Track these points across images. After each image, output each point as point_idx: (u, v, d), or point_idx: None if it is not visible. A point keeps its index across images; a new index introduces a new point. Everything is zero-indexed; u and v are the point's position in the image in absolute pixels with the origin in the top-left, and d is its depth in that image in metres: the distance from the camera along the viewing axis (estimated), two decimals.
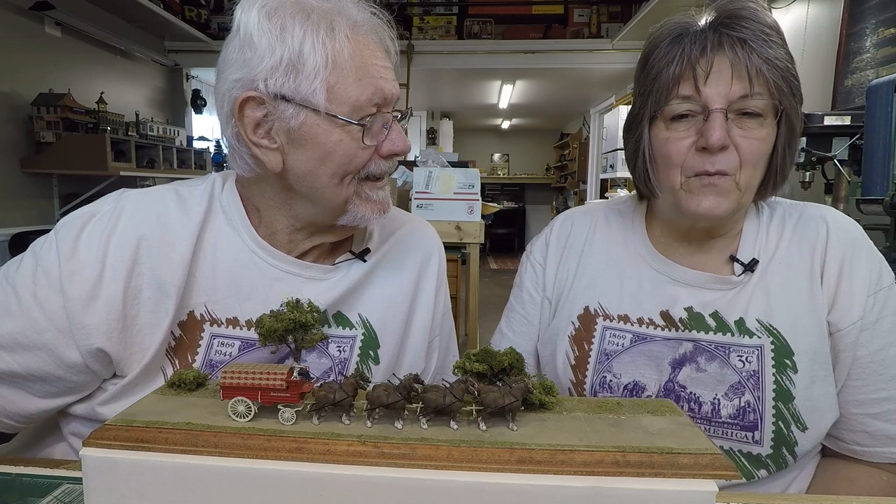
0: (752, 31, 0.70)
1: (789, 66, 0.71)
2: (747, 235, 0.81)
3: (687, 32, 0.73)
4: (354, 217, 0.74)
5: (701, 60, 0.71)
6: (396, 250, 0.88)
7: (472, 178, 2.39)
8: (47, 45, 3.10)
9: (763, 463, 0.74)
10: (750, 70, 0.69)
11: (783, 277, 0.77)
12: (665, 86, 0.73)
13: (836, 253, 0.76)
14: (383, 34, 0.73)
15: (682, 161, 0.74)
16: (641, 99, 0.78)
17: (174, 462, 0.46)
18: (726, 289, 0.79)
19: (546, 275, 0.93)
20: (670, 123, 0.75)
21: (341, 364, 0.78)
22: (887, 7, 2.27)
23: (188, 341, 0.72)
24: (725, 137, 0.70)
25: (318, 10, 0.67)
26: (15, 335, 0.67)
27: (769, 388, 0.73)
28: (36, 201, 3.02)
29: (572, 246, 0.92)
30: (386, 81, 0.70)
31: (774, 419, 0.72)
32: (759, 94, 0.70)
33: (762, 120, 0.71)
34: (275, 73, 0.66)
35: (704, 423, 0.75)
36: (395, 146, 0.73)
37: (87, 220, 0.71)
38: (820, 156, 1.85)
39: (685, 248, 0.84)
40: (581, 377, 0.84)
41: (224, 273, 0.74)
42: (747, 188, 0.74)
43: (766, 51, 0.69)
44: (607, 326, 0.84)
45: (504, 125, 9.97)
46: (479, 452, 0.45)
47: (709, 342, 0.77)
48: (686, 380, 0.77)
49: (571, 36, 4.88)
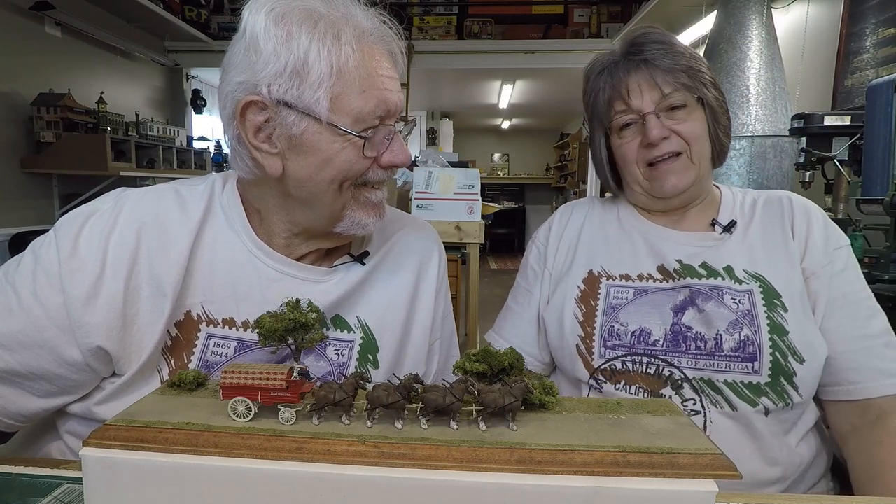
0: (651, 50, 0.89)
1: (691, 65, 0.89)
2: (725, 206, 0.96)
3: (606, 66, 0.94)
4: (352, 224, 0.74)
5: (621, 84, 0.91)
6: (395, 253, 0.88)
7: (472, 178, 2.39)
8: (47, 45, 3.10)
9: (763, 391, 0.80)
10: (657, 80, 0.89)
11: (761, 235, 0.91)
12: (603, 108, 0.94)
13: (802, 214, 0.92)
14: (392, 44, 0.73)
15: (636, 157, 0.93)
16: (590, 123, 1.00)
17: (174, 462, 0.46)
18: (709, 245, 0.92)
19: (548, 251, 1.04)
20: (620, 132, 0.94)
21: (340, 368, 0.78)
22: (887, 7, 2.26)
23: (184, 341, 0.72)
24: (662, 131, 0.88)
25: (327, 18, 0.67)
26: (15, 333, 0.67)
27: (763, 323, 0.82)
28: (36, 201, 3.03)
29: (572, 226, 1.04)
30: (391, 93, 0.70)
31: (771, 350, 0.81)
32: (673, 93, 0.88)
33: (687, 108, 0.89)
34: (279, 79, 0.66)
35: (709, 358, 0.83)
36: (396, 158, 0.73)
37: (87, 218, 0.71)
38: (820, 156, 1.85)
39: (669, 217, 0.98)
40: (590, 330, 0.91)
41: (221, 273, 0.74)
42: (701, 159, 0.91)
43: (664, 62, 0.88)
44: (611, 285, 0.93)
45: (504, 125, 9.97)
46: (479, 452, 0.45)
47: (703, 286, 0.88)
48: (690, 321, 0.86)
49: (571, 36, 4.88)
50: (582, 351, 0.90)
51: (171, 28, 4.12)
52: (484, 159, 10.62)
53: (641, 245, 0.96)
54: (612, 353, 0.88)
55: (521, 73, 5.62)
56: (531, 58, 4.83)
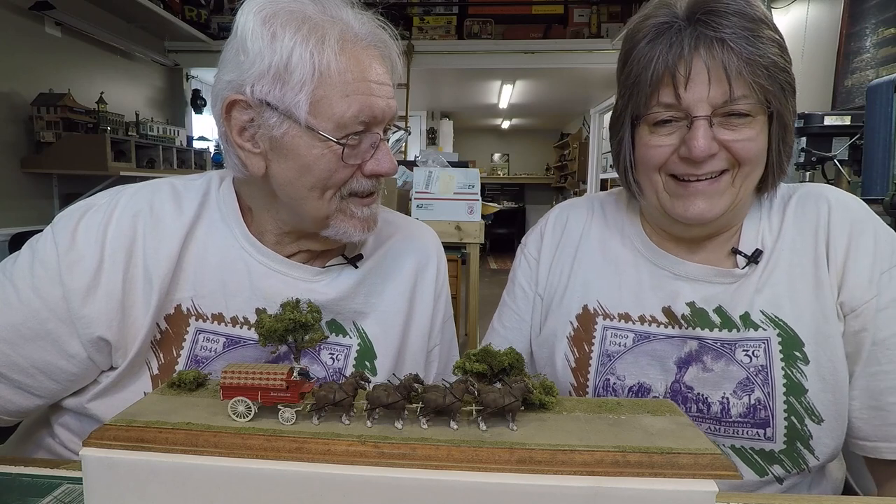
0: (731, 27, 0.65)
1: (776, 61, 0.66)
2: (748, 226, 0.78)
3: (664, 30, 0.68)
4: (336, 232, 0.73)
5: (679, 64, 0.67)
6: (391, 257, 0.86)
7: (472, 178, 2.39)
8: (47, 45, 3.10)
9: (776, 458, 0.71)
10: (730, 72, 0.65)
11: (787, 264, 0.74)
12: (644, 90, 0.70)
13: (841, 231, 0.72)
14: (386, 49, 0.72)
15: (662, 164, 0.72)
16: (623, 100, 0.75)
17: (174, 462, 0.46)
18: (729, 282, 0.76)
19: (539, 270, 0.90)
20: (653, 128, 0.72)
21: (336, 374, 0.78)
22: (887, 7, 2.26)
23: (174, 335, 0.72)
24: (710, 146, 0.67)
25: (312, 20, 0.66)
26: (17, 326, 0.67)
27: (779, 382, 0.70)
28: (36, 201, 3.02)
29: (568, 240, 0.89)
30: (377, 99, 0.68)
31: (786, 414, 0.69)
32: (742, 97, 0.66)
33: (751, 119, 0.68)
34: (262, 79, 0.66)
35: (714, 424, 0.73)
36: (380, 167, 0.71)
37: (84, 212, 0.72)
38: (820, 156, 1.86)
39: (684, 243, 0.81)
40: (583, 380, 0.81)
41: (212, 268, 0.74)
42: (745, 184, 0.71)
43: (748, 49, 0.65)
44: (608, 326, 0.80)
45: (504, 125, 9.97)
46: (479, 452, 0.45)
47: (714, 340, 0.74)
48: (693, 380, 0.74)
49: (571, 36, 4.88)
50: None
51: (171, 28, 4.12)
52: (484, 159, 10.62)
53: (647, 277, 0.80)
54: None
55: (521, 73, 5.62)
56: (531, 58, 4.83)
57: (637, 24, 0.72)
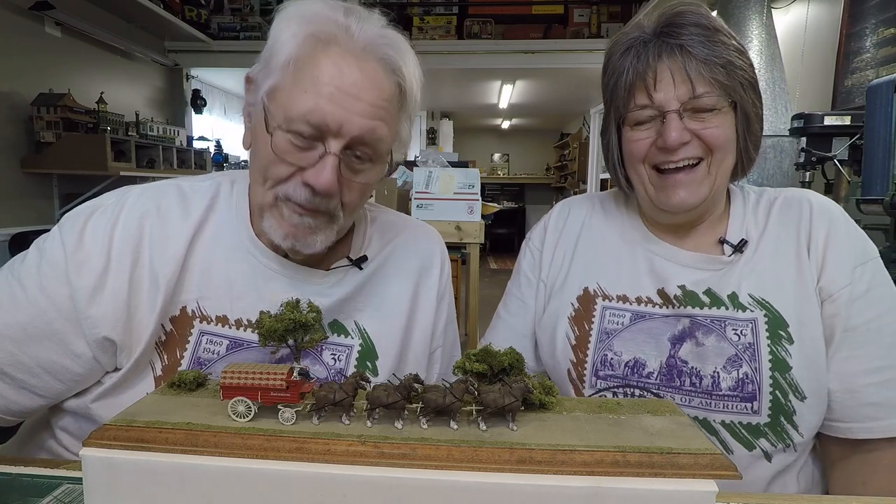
0: (689, 35, 0.76)
1: (732, 61, 0.76)
2: (735, 218, 0.86)
3: (633, 44, 0.80)
4: (267, 227, 0.72)
5: (647, 71, 0.78)
6: (395, 258, 0.87)
7: (472, 178, 2.39)
8: (47, 45, 3.10)
9: (762, 432, 0.76)
10: (690, 73, 0.76)
11: (772, 253, 0.82)
12: (622, 95, 0.81)
13: (821, 227, 0.81)
14: (388, 70, 0.70)
15: (644, 157, 0.82)
16: (607, 105, 0.87)
17: (174, 462, 0.46)
18: (717, 268, 0.83)
19: (543, 258, 0.97)
20: (634, 126, 0.82)
21: (337, 374, 0.78)
22: (887, 7, 2.26)
23: (178, 336, 0.73)
24: (683, 134, 0.77)
25: (315, 18, 0.68)
26: (24, 325, 0.67)
27: (765, 358, 0.76)
28: (36, 201, 3.03)
29: (569, 230, 0.97)
30: (336, 108, 0.65)
31: (772, 388, 0.75)
32: (705, 93, 0.76)
33: (716, 111, 0.78)
34: (260, 60, 0.71)
35: (706, 398, 0.77)
36: (315, 179, 0.67)
37: (91, 213, 0.72)
38: (820, 156, 1.85)
39: (674, 233, 0.89)
40: (582, 356, 0.86)
41: (218, 270, 0.74)
42: (720, 171, 0.80)
43: (704, 51, 0.76)
44: (606, 306, 0.87)
45: (504, 125, 9.97)
46: (479, 452, 0.45)
47: (705, 317, 0.80)
48: (687, 355, 0.80)
49: (571, 36, 4.89)
50: (573, 377, 0.86)
51: (171, 28, 4.12)
52: (484, 159, 10.62)
53: (643, 263, 0.88)
54: (604, 384, 0.83)
55: (521, 73, 5.62)
56: (531, 58, 4.83)
57: (614, 40, 0.85)
